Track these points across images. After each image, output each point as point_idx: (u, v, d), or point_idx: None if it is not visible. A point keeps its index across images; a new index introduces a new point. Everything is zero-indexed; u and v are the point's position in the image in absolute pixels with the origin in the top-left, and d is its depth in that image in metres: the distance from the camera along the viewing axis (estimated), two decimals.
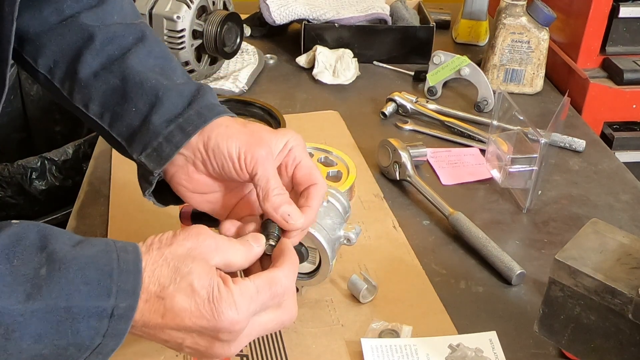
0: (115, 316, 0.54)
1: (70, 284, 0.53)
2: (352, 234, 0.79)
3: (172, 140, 0.68)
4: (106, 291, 0.54)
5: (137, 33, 0.75)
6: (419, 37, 1.45)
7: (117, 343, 0.56)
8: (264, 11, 1.46)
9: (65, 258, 0.54)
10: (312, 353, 0.75)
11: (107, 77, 0.72)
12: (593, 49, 1.37)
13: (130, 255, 0.57)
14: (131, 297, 0.55)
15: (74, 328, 0.53)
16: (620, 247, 0.69)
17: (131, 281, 0.55)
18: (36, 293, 0.52)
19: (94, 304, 0.53)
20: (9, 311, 0.51)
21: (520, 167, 1.03)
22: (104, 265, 0.55)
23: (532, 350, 0.77)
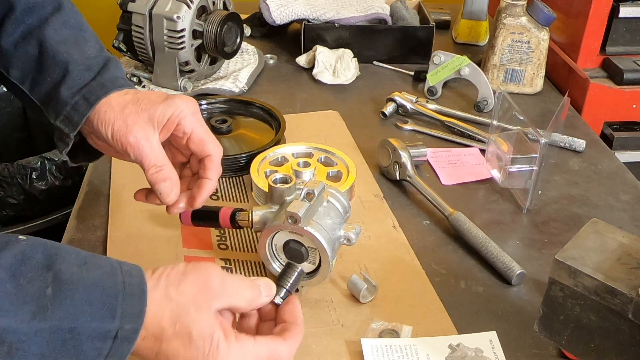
0: (119, 338, 0.55)
1: (76, 305, 0.54)
2: (352, 234, 0.79)
3: (79, 109, 0.74)
4: (111, 313, 0.54)
5: (54, 3, 0.80)
6: (419, 37, 1.45)
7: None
8: (264, 11, 1.46)
9: (71, 279, 0.54)
10: (312, 353, 0.75)
11: (25, 48, 0.78)
12: (593, 49, 1.37)
13: (135, 280, 0.57)
14: (136, 321, 0.55)
15: (78, 348, 0.54)
16: (620, 247, 0.69)
17: (136, 305, 0.56)
18: (41, 313, 0.52)
19: (98, 325, 0.54)
20: (14, 330, 0.51)
21: (520, 167, 1.03)
22: (110, 288, 0.55)
23: (532, 350, 0.77)
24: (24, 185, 1.50)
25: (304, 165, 1.00)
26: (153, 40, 1.23)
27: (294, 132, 1.14)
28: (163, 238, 0.91)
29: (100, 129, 0.74)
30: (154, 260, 0.87)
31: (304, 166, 1.00)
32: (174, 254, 0.88)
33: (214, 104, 1.20)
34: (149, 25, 1.22)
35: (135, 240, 0.90)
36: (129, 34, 1.26)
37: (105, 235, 0.91)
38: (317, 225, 0.77)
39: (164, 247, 0.89)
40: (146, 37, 1.23)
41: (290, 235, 0.79)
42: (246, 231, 0.93)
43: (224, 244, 0.90)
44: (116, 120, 0.73)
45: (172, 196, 0.75)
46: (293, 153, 1.04)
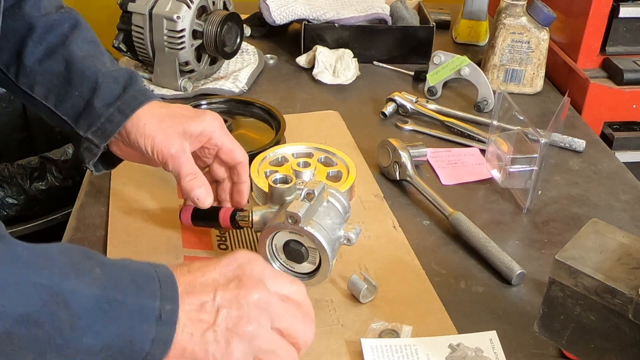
0: (162, 319, 0.56)
1: (124, 282, 0.56)
2: (352, 234, 0.79)
3: (113, 120, 0.81)
4: (153, 293, 0.57)
5: (72, 20, 0.86)
6: (419, 37, 1.45)
7: (163, 353, 0.56)
8: (264, 11, 1.46)
9: (113, 264, 0.59)
10: (312, 353, 0.75)
11: (50, 64, 0.82)
12: (593, 49, 1.37)
13: (164, 270, 0.60)
14: (173, 302, 0.57)
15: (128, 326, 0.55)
16: (620, 247, 0.69)
17: (170, 289, 0.58)
18: (96, 282, 0.55)
19: (145, 301, 0.56)
20: (77, 294, 0.53)
21: (520, 167, 1.03)
22: (147, 274, 0.58)
23: (532, 350, 0.77)
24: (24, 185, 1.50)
25: (304, 165, 1.00)
26: (153, 41, 1.23)
27: (294, 132, 1.14)
28: (163, 238, 0.91)
29: (139, 140, 0.80)
30: (154, 260, 0.86)
31: (304, 166, 1.00)
32: (174, 254, 0.88)
33: (214, 104, 1.20)
34: (149, 25, 1.22)
35: (135, 240, 0.90)
36: (129, 34, 1.26)
37: (105, 235, 0.91)
38: (317, 225, 0.77)
39: (164, 247, 0.89)
40: (146, 37, 1.23)
41: (290, 235, 0.79)
42: (246, 231, 0.93)
43: (224, 244, 0.90)
44: (157, 134, 0.80)
45: (210, 200, 0.82)
46: (293, 153, 1.04)
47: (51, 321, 0.51)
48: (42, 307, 0.51)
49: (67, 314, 0.52)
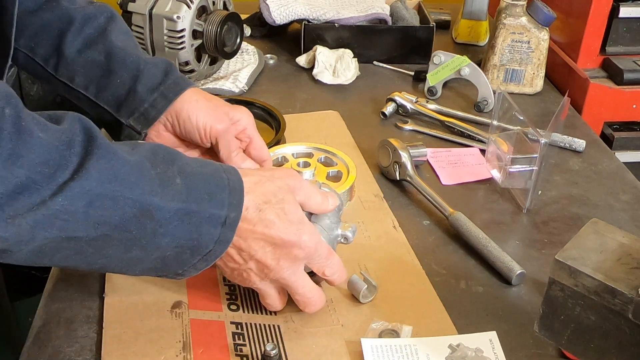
0: (226, 225, 0.66)
1: (199, 194, 0.65)
2: (349, 232, 0.80)
3: (157, 105, 0.84)
4: (221, 203, 0.66)
5: (107, 13, 0.89)
6: (419, 37, 1.45)
7: (222, 250, 0.68)
8: (264, 11, 1.46)
9: (192, 173, 0.66)
10: (312, 353, 0.75)
11: (91, 54, 0.85)
12: (593, 49, 1.37)
13: (235, 177, 0.68)
14: (237, 210, 0.67)
15: (199, 231, 0.65)
16: (620, 247, 0.69)
17: (237, 197, 0.67)
18: (177, 196, 0.63)
19: (214, 211, 0.65)
20: (161, 209, 0.62)
21: (520, 167, 1.03)
22: (219, 182, 0.67)
23: (532, 350, 0.77)
24: None
25: (304, 165, 1.00)
26: (153, 40, 1.23)
27: (294, 132, 1.14)
28: None
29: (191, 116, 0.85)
30: None
31: (304, 166, 1.00)
32: None
33: None
34: (149, 25, 1.22)
35: None
36: None
37: None
38: (317, 226, 0.77)
39: None
40: (146, 37, 1.23)
41: None
42: None
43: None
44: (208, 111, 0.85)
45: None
46: (293, 153, 1.04)
47: (139, 228, 0.62)
48: (132, 217, 0.61)
49: (152, 224, 0.62)
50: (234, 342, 0.76)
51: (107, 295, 0.81)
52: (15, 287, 1.76)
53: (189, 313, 0.79)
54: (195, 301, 0.81)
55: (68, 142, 0.59)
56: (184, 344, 0.75)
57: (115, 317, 0.78)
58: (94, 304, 0.81)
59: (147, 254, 0.64)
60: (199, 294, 0.82)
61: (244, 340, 0.76)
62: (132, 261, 0.65)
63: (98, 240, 0.61)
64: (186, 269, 0.68)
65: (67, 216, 0.58)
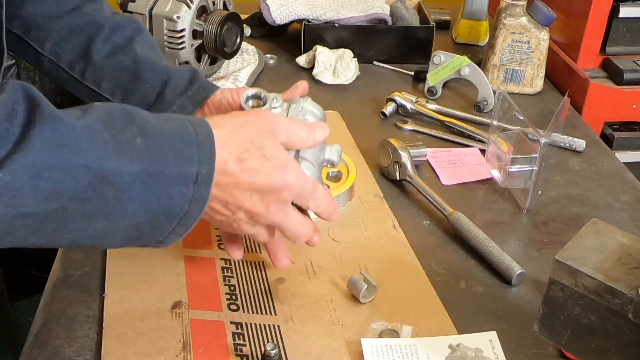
0: (198, 182, 0.61)
1: (163, 152, 0.60)
2: (334, 156, 0.76)
3: (185, 109, 0.84)
4: (190, 159, 0.61)
5: (134, 24, 0.90)
6: (419, 37, 1.45)
7: (200, 210, 0.63)
8: (264, 11, 1.46)
9: (153, 130, 0.61)
10: (312, 353, 0.75)
11: (119, 59, 0.85)
12: (593, 49, 1.37)
13: (204, 130, 0.63)
14: (209, 165, 0.62)
15: (168, 193, 0.60)
16: (620, 247, 0.69)
17: (207, 151, 0.62)
18: (138, 158, 0.59)
19: (182, 169, 0.61)
20: (119, 173, 0.58)
21: (520, 167, 1.03)
22: (185, 137, 0.62)
23: (532, 350, 0.77)
24: None
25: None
26: None
27: None
28: None
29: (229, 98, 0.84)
30: (154, 260, 0.87)
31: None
32: (174, 254, 0.88)
33: None
34: (149, 25, 1.22)
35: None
36: None
37: None
38: (303, 162, 0.72)
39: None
40: None
41: None
42: None
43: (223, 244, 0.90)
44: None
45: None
46: None
47: (98, 197, 0.57)
48: (88, 186, 0.57)
49: (111, 190, 0.58)
50: (234, 342, 0.76)
51: (107, 295, 0.81)
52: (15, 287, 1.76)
53: (189, 313, 0.79)
54: (195, 301, 0.81)
55: (9, 113, 0.55)
56: (184, 344, 0.75)
57: (115, 317, 0.78)
58: (94, 304, 0.81)
59: (116, 223, 0.60)
60: (199, 294, 0.82)
61: (244, 340, 0.76)
62: (102, 233, 0.61)
63: (56, 215, 0.57)
64: (166, 236, 0.64)
65: (12, 192, 0.54)
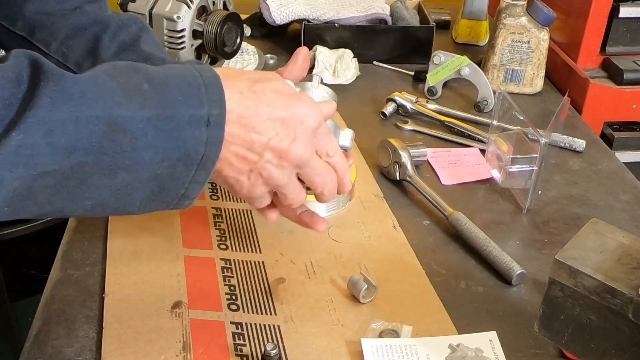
0: (211, 123, 0.61)
1: (172, 96, 0.60)
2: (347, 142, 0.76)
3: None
4: (199, 101, 0.61)
5: (139, 23, 0.89)
6: (419, 37, 1.45)
7: (217, 153, 0.62)
8: (264, 11, 1.46)
9: (159, 76, 0.61)
10: (312, 353, 0.75)
11: (129, 57, 0.84)
12: (593, 49, 1.37)
13: (209, 72, 0.63)
14: (220, 106, 0.62)
15: (182, 137, 0.60)
16: (620, 247, 0.69)
17: (217, 92, 0.62)
18: (147, 103, 0.59)
19: (193, 112, 0.60)
20: (131, 119, 0.57)
21: (520, 167, 1.03)
22: (192, 80, 0.61)
23: (532, 350, 0.77)
24: None
25: None
26: None
27: None
28: (163, 238, 0.91)
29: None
30: (154, 260, 0.87)
31: None
32: (174, 253, 0.88)
33: None
34: (149, 25, 1.22)
35: (135, 240, 0.90)
36: None
37: (105, 236, 0.91)
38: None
39: (164, 247, 0.89)
40: None
41: None
42: (246, 231, 0.93)
43: (224, 244, 0.90)
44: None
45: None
46: None
47: (114, 147, 0.57)
48: (103, 136, 0.56)
49: (126, 138, 0.57)
50: (234, 342, 0.76)
51: (107, 295, 0.81)
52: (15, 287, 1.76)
53: (189, 313, 0.79)
54: (195, 301, 0.81)
55: (15, 79, 0.55)
56: (184, 344, 0.75)
57: (115, 317, 0.78)
58: (94, 304, 0.81)
59: (136, 175, 0.60)
60: (199, 294, 0.82)
61: (244, 340, 0.76)
62: (124, 190, 0.61)
63: (75, 171, 0.57)
64: (188, 186, 0.63)
65: (29, 150, 0.54)
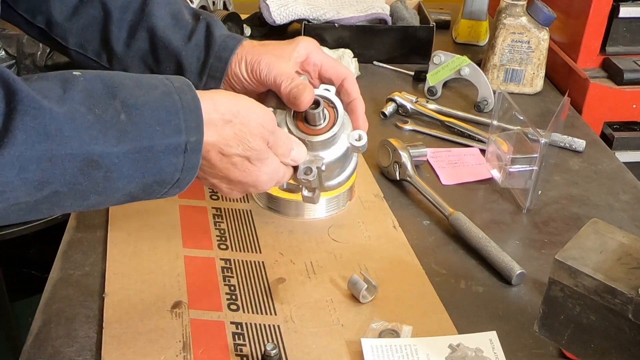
0: (188, 150, 0.62)
1: (149, 126, 0.60)
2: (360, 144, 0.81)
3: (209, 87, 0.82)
4: (177, 129, 0.61)
5: None
6: (419, 37, 1.45)
7: (192, 175, 0.64)
8: (264, 11, 1.46)
9: (136, 104, 0.60)
10: (312, 353, 0.75)
11: (138, 45, 0.83)
12: (593, 49, 1.37)
13: (189, 96, 0.63)
14: (198, 132, 0.63)
15: (158, 165, 0.61)
16: (620, 247, 0.69)
17: (195, 119, 0.62)
18: (123, 137, 0.59)
19: (170, 141, 0.61)
20: (107, 155, 0.58)
21: (520, 167, 1.03)
22: (170, 107, 0.61)
23: (532, 350, 0.77)
24: None
25: None
26: None
27: None
28: (163, 238, 0.91)
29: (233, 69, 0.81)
30: (154, 260, 0.87)
31: None
32: (174, 253, 0.88)
33: None
34: None
35: (135, 240, 0.90)
36: None
37: (105, 235, 0.91)
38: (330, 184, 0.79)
39: (164, 247, 0.89)
40: None
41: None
42: (246, 231, 0.93)
43: (224, 244, 0.90)
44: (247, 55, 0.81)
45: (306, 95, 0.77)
46: None
47: (88, 180, 0.58)
48: (78, 172, 0.57)
49: (101, 172, 0.58)
50: (234, 342, 0.76)
51: (107, 295, 0.81)
52: (15, 287, 1.76)
53: (189, 313, 0.79)
54: (195, 301, 0.81)
55: None
56: (184, 344, 0.75)
57: (115, 317, 0.78)
58: (94, 304, 0.81)
59: (108, 197, 0.61)
60: (199, 294, 0.82)
61: (244, 340, 0.76)
62: (96, 205, 0.62)
63: (48, 199, 0.57)
64: (161, 195, 0.65)
65: (2, 187, 0.54)
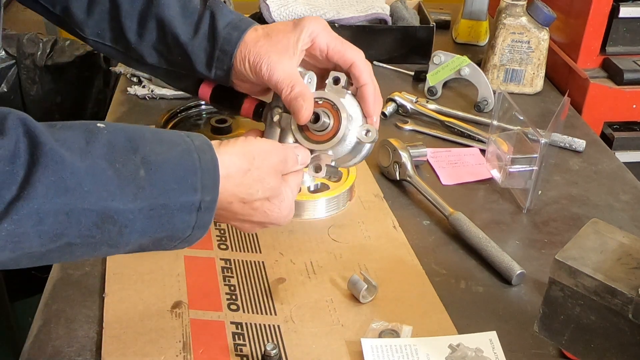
0: (202, 209, 0.63)
1: (166, 184, 0.61)
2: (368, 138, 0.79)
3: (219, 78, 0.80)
4: (193, 188, 0.62)
5: None
6: (419, 37, 1.45)
7: (203, 232, 0.65)
8: (264, 11, 1.46)
9: (157, 161, 0.61)
10: (312, 353, 0.75)
11: (149, 36, 0.82)
12: (593, 49, 1.37)
13: (208, 155, 0.64)
14: (213, 192, 0.64)
15: (171, 222, 0.62)
16: (620, 247, 0.69)
17: (211, 178, 0.63)
18: (141, 193, 0.60)
19: (185, 199, 0.62)
20: (123, 211, 0.59)
21: (520, 167, 1.03)
22: (189, 166, 0.62)
23: (532, 350, 0.77)
24: None
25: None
26: None
27: None
28: None
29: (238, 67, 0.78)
30: (154, 260, 0.87)
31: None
32: (174, 253, 0.88)
33: None
34: None
35: None
36: None
37: None
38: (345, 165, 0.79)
39: None
40: None
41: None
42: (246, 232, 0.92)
43: (224, 244, 0.90)
44: (250, 55, 0.78)
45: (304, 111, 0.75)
46: None
47: (102, 233, 0.59)
48: (93, 225, 0.58)
49: (115, 227, 0.59)
50: (234, 342, 0.76)
51: (107, 295, 0.81)
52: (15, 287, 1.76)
53: (189, 313, 0.79)
54: (195, 301, 0.81)
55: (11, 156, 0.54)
56: (184, 344, 0.75)
57: (115, 317, 0.78)
58: (94, 304, 0.81)
59: (118, 249, 0.62)
60: (199, 294, 0.82)
61: (244, 340, 0.76)
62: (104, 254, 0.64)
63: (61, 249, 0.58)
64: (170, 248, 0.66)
65: (17, 238, 0.55)
